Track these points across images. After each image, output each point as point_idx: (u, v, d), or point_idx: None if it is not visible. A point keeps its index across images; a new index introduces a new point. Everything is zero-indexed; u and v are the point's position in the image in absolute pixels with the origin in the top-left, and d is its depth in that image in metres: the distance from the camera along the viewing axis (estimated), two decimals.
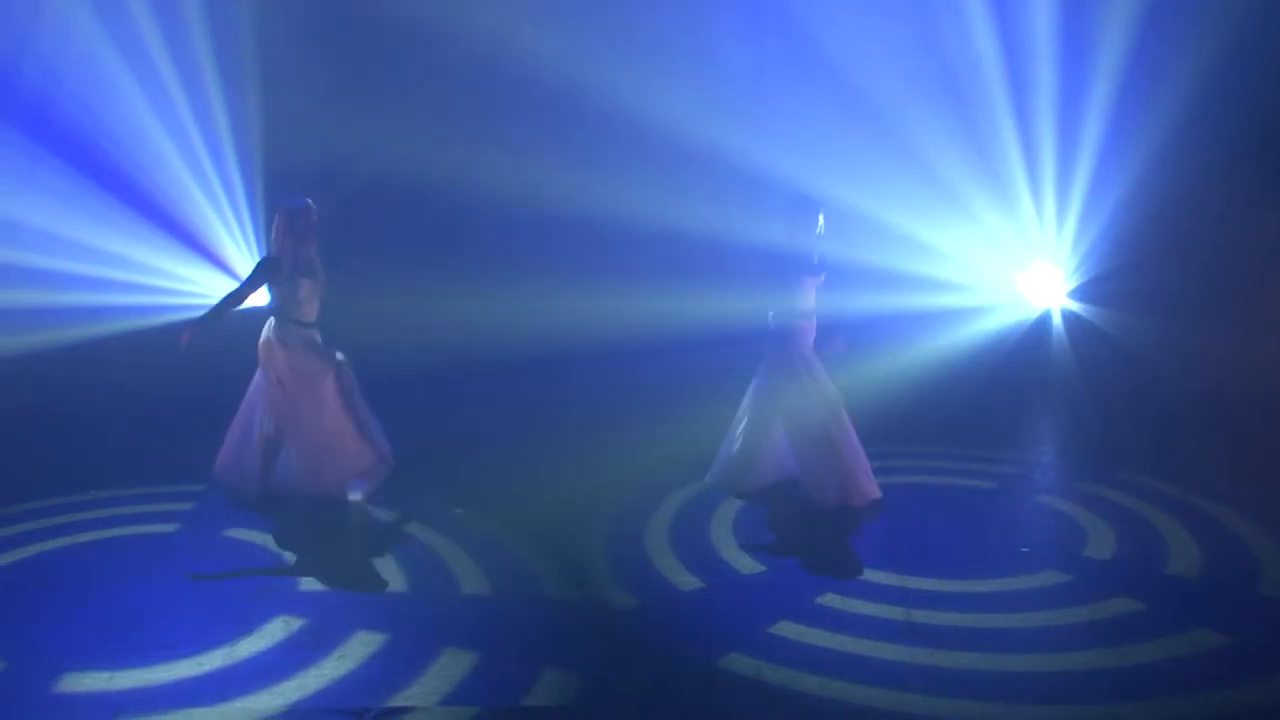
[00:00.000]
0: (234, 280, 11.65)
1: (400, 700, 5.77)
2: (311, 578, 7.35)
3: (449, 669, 6.10)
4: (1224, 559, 7.63)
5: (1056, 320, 12.53)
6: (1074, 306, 12.47)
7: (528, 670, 6.09)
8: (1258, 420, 10.38)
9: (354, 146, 11.39)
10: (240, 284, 8.36)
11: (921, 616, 6.74)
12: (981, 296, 12.63)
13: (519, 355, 11.60)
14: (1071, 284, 12.53)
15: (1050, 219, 12.54)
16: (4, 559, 7.70)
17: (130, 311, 11.58)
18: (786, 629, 6.61)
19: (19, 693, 5.87)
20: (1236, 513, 8.46)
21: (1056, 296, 12.56)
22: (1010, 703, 5.76)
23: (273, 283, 8.24)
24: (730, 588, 7.32)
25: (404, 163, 11.82)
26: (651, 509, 8.72)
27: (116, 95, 11.82)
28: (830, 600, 7.00)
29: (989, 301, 12.69)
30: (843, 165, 9.82)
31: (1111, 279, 12.18)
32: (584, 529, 8.31)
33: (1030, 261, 12.67)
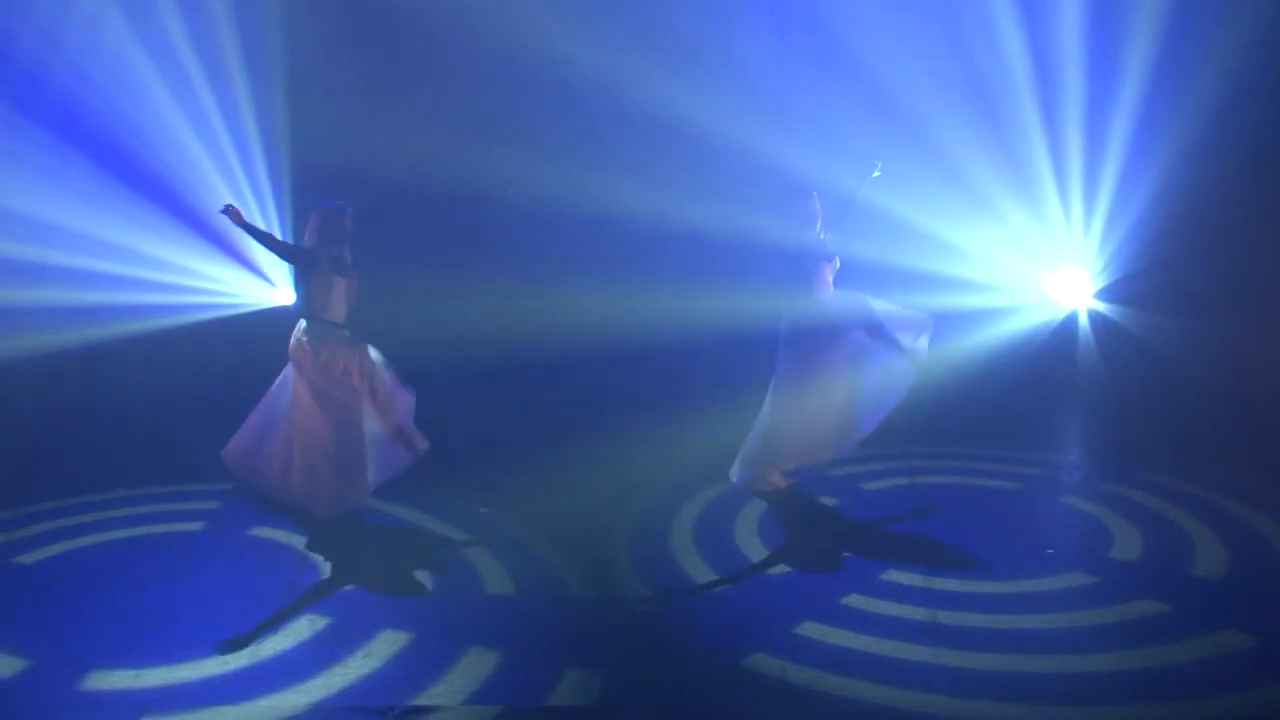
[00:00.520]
0: (261, 279, 11.73)
1: (424, 699, 5.79)
2: (336, 577, 7.39)
3: (473, 668, 6.12)
4: (1250, 560, 7.60)
5: (1083, 321, 12.45)
6: (1100, 307, 12.38)
7: (551, 670, 6.11)
8: None
9: (389, 147, 11.38)
10: (282, 239, 8.48)
11: (946, 617, 6.73)
12: (1007, 297, 12.54)
13: (544, 355, 11.58)
14: (1098, 285, 12.45)
15: (1077, 219, 12.44)
16: (32, 556, 7.77)
17: (157, 310, 11.61)
18: (811, 629, 6.60)
19: (46, 690, 5.93)
20: (1262, 513, 8.41)
21: (1083, 297, 12.48)
22: (1035, 704, 5.75)
23: (305, 277, 8.23)
24: (754, 588, 7.32)
25: (433, 163, 11.81)
26: (675, 509, 8.73)
27: (144, 94, 11.85)
28: (855, 601, 7.00)
29: (1015, 302, 12.61)
30: (867, 164, 9.76)
31: (1139, 278, 12.09)
32: (608, 529, 8.33)
33: (1057, 262, 12.58)
